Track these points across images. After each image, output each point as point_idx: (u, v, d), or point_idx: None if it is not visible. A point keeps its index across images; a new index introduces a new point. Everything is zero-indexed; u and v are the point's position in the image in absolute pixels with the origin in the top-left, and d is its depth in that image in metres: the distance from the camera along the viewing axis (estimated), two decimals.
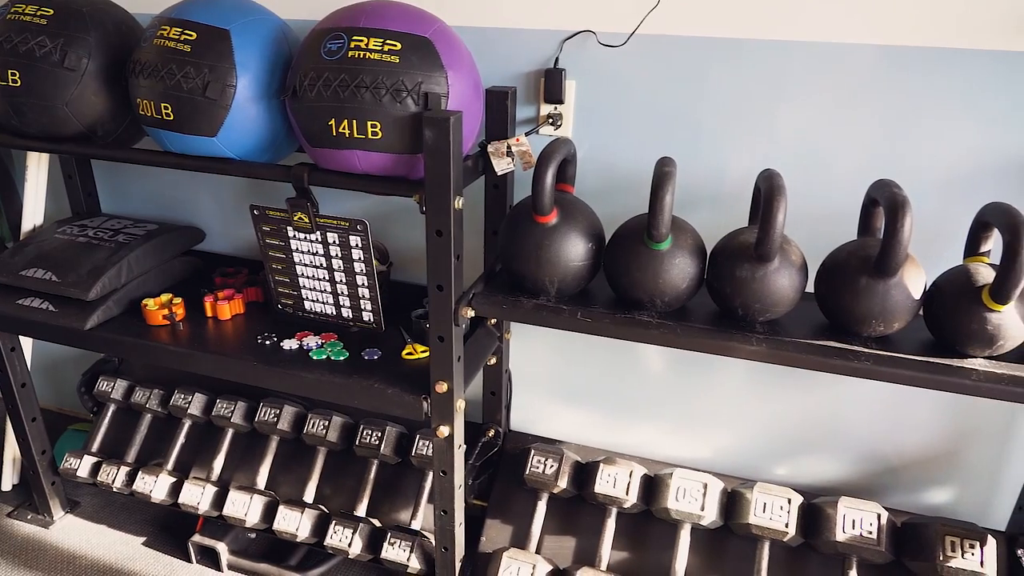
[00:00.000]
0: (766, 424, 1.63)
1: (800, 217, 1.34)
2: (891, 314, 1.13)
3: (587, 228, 1.26)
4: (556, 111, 1.46)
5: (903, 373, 1.12)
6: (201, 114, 1.26)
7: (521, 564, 1.50)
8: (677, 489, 1.49)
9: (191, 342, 1.52)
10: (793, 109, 1.34)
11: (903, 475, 1.59)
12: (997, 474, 1.52)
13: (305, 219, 1.37)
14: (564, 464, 1.57)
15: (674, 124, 1.42)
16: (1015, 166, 1.28)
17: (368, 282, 1.43)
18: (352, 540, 1.59)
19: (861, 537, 1.39)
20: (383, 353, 1.47)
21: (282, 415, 1.74)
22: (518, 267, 1.27)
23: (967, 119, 1.27)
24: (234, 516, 1.68)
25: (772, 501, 1.46)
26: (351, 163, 1.23)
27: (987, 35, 1.21)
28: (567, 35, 1.40)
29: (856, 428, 1.57)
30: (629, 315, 1.24)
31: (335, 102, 1.17)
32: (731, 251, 1.19)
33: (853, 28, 1.26)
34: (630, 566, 1.55)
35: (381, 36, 1.17)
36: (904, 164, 1.32)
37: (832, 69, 1.30)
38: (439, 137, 1.13)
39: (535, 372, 1.76)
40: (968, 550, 1.36)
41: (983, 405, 1.47)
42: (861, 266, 1.14)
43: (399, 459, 1.70)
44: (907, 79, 1.27)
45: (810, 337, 1.19)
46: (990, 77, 1.23)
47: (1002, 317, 1.08)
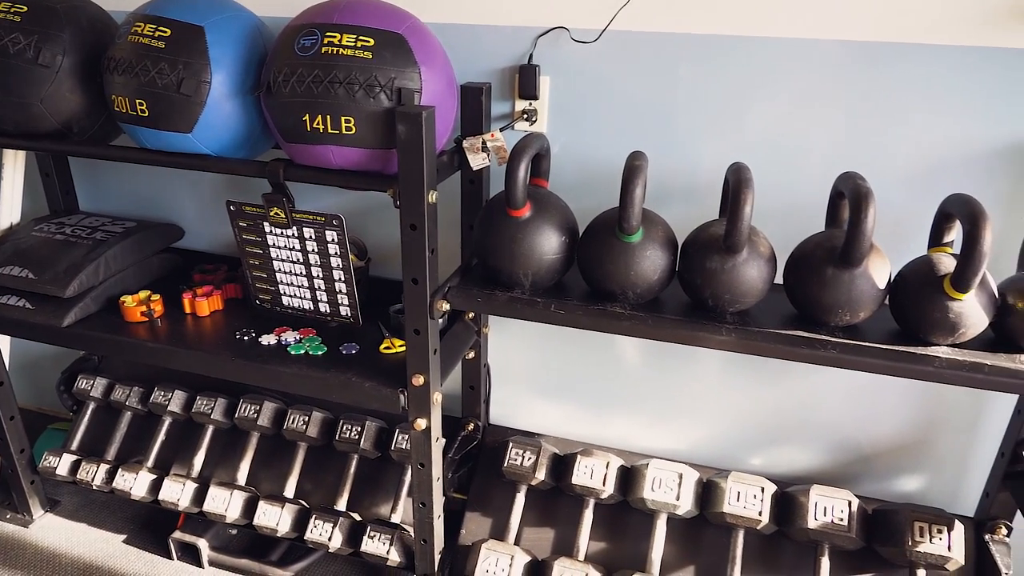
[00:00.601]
0: (741, 415, 1.66)
1: (770, 210, 1.37)
2: (857, 303, 1.16)
3: (560, 222, 1.28)
4: (531, 107, 1.48)
5: (868, 361, 1.15)
6: (176, 110, 1.27)
7: (500, 555, 1.51)
8: (653, 479, 1.51)
9: (170, 338, 1.52)
10: (763, 104, 1.37)
11: (875, 463, 1.62)
12: (965, 462, 1.55)
13: (281, 214, 1.38)
14: (542, 456, 1.59)
15: (647, 119, 1.44)
16: (978, 159, 1.31)
17: (345, 277, 1.44)
18: (332, 534, 1.60)
19: (832, 524, 1.42)
20: (361, 347, 1.48)
21: (262, 411, 1.75)
22: (493, 261, 1.29)
23: (931, 113, 1.30)
24: (214, 512, 1.68)
25: (746, 490, 1.48)
26: (325, 158, 1.24)
27: (949, 31, 1.24)
28: (541, 31, 1.42)
29: (829, 418, 1.60)
30: (602, 307, 1.26)
31: (309, 98, 1.18)
32: (701, 243, 1.21)
33: (820, 24, 1.29)
34: (608, 556, 1.57)
35: (354, 32, 1.18)
36: (871, 157, 1.34)
37: (800, 64, 1.32)
38: (412, 132, 1.15)
39: (514, 366, 1.77)
40: (936, 535, 1.38)
41: (951, 394, 1.50)
42: (827, 257, 1.16)
43: (379, 453, 1.71)
44: (873, 74, 1.30)
45: (779, 327, 1.21)
46: (953, 72, 1.26)
47: (963, 305, 1.11)
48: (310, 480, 1.76)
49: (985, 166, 1.31)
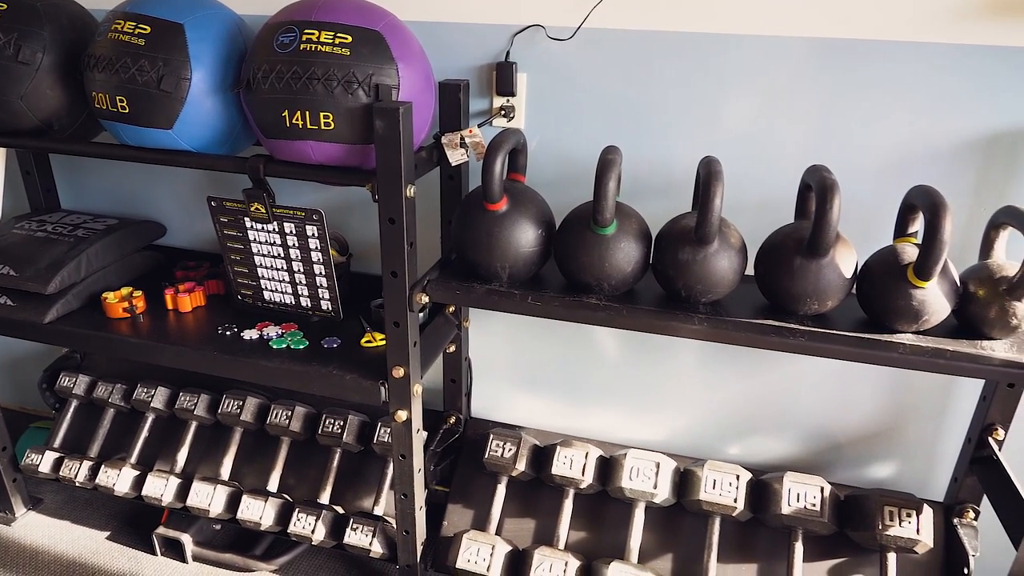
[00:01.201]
0: (718, 406, 1.69)
1: (743, 203, 1.41)
2: (824, 293, 1.19)
3: (537, 215, 1.31)
4: (508, 103, 1.50)
5: (835, 348, 1.18)
6: (156, 107, 1.28)
7: (481, 545, 1.54)
8: (631, 469, 1.54)
9: (152, 334, 1.54)
10: (735, 100, 1.40)
11: (848, 451, 1.65)
12: (934, 448, 1.59)
13: (262, 210, 1.40)
14: (522, 448, 1.61)
15: (623, 115, 1.46)
16: (944, 152, 1.34)
17: (325, 271, 1.46)
18: (315, 527, 1.62)
19: (805, 510, 1.45)
20: (342, 341, 1.50)
21: (245, 406, 1.76)
22: (471, 254, 1.31)
23: (898, 108, 1.33)
24: (198, 507, 1.69)
25: (721, 478, 1.51)
26: (305, 153, 1.26)
27: (913, 28, 1.27)
28: (517, 29, 1.44)
29: (803, 407, 1.64)
30: (577, 298, 1.28)
31: (288, 94, 1.20)
32: (673, 235, 1.25)
33: (788, 22, 1.32)
34: (588, 544, 1.59)
35: (332, 29, 1.20)
36: (840, 151, 1.38)
37: (771, 61, 1.35)
38: (389, 127, 1.17)
39: (495, 360, 1.80)
40: (905, 519, 1.42)
41: (920, 383, 1.54)
42: (795, 247, 1.20)
43: (361, 447, 1.73)
44: (841, 70, 1.33)
45: (750, 316, 1.24)
46: (918, 68, 1.30)
47: (926, 293, 1.15)
48: (293, 475, 1.78)
49: (951, 159, 1.35)
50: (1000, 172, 1.33)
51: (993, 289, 1.17)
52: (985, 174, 1.34)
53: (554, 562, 1.49)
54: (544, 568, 1.49)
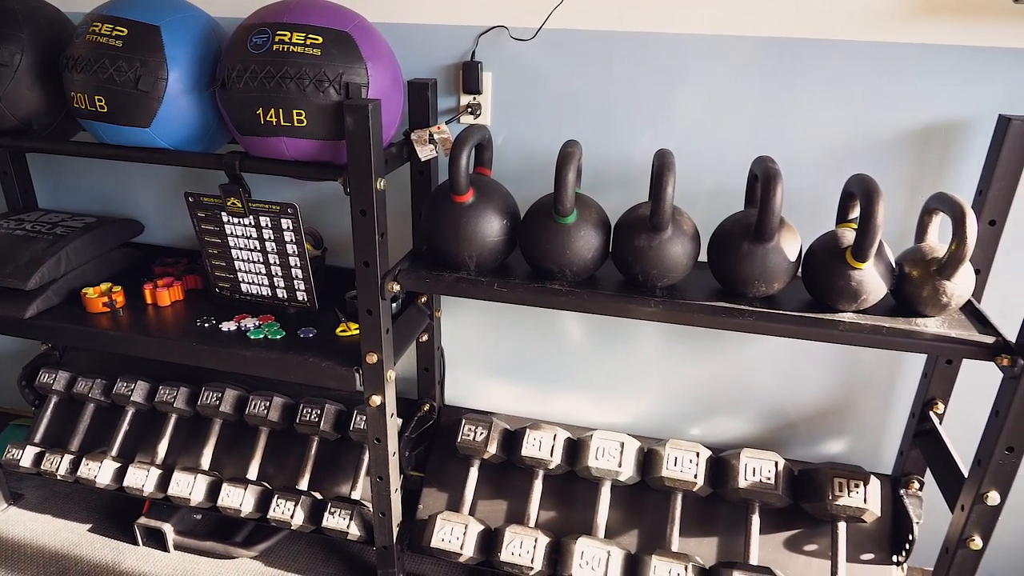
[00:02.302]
0: (679, 388, 1.77)
1: (696, 193, 1.49)
2: (771, 275, 1.27)
3: (502, 206, 1.37)
4: (475, 101, 1.57)
5: (781, 327, 1.27)
6: (134, 106, 1.33)
7: (454, 525, 1.60)
8: (597, 449, 1.61)
9: (132, 327, 1.58)
10: (688, 95, 1.48)
11: (802, 429, 1.74)
12: (882, 423, 1.69)
13: (238, 204, 1.45)
14: (493, 431, 1.68)
15: (583, 111, 1.54)
16: (883, 144, 1.43)
17: (301, 263, 1.52)
18: (294, 512, 1.68)
19: (761, 483, 1.54)
20: (318, 331, 1.55)
21: (224, 398, 1.81)
22: (440, 244, 1.38)
23: (840, 102, 1.42)
24: (179, 496, 1.74)
25: (682, 456, 1.59)
26: (279, 150, 1.31)
27: (851, 28, 1.36)
28: (482, 30, 1.51)
29: (759, 388, 1.72)
30: (541, 284, 1.35)
31: (262, 92, 1.26)
32: (630, 223, 1.32)
33: (735, 21, 1.40)
34: (557, 522, 1.66)
35: (304, 31, 1.26)
36: (787, 143, 1.46)
37: (720, 59, 1.43)
38: (359, 123, 1.23)
39: (467, 349, 1.86)
40: (853, 490, 1.51)
41: (868, 362, 1.63)
42: (743, 233, 1.27)
43: (338, 435, 1.78)
44: (786, 67, 1.41)
45: (704, 299, 1.32)
46: (855, 65, 1.38)
47: (863, 274, 1.23)
48: (273, 463, 1.83)
49: (889, 150, 1.44)
50: (935, 162, 1.43)
51: (926, 270, 1.25)
52: (921, 164, 1.43)
53: (524, 539, 1.56)
54: (515, 545, 1.56)
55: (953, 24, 1.32)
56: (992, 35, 1.31)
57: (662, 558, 1.50)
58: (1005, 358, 1.18)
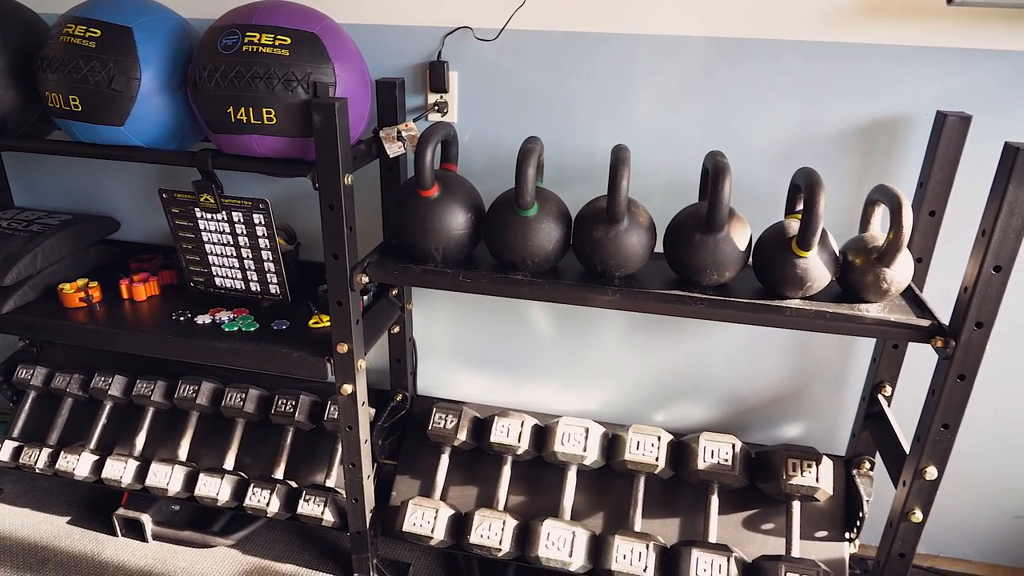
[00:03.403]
0: (644, 376, 1.84)
1: (654, 186, 1.56)
2: (722, 264, 1.34)
3: (466, 201, 1.43)
4: (442, 99, 1.63)
5: (731, 313, 1.33)
6: (108, 105, 1.37)
7: (425, 510, 1.65)
8: (563, 434, 1.67)
9: (108, 322, 1.62)
10: (644, 93, 1.54)
11: (761, 413, 1.81)
12: (836, 407, 1.76)
13: (211, 200, 1.50)
14: (463, 419, 1.73)
15: (546, 109, 1.60)
16: (830, 139, 1.50)
17: (272, 257, 1.56)
18: (270, 500, 1.72)
19: (719, 465, 1.60)
20: (291, 323, 1.60)
21: (200, 391, 1.85)
22: (407, 237, 1.43)
23: (788, 99, 1.49)
24: (156, 486, 1.78)
25: (644, 440, 1.66)
26: (250, 147, 1.36)
27: (797, 28, 1.43)
28: (448, 31, 1.57)
29: (719, 374, 1.79)
30: (504, 275, 1.41)
31: (232, 91, 1.30)
32: (588, 216, 1.38)
33: (688, 22, 1.46)
34: (525, 506, 1.72)
35: (272, 32, 1.31)
36: (739, 138, 1.53)
37: (673, 58, 1.50)
38: (326, 121, 1.28)
39: (438, 340, 1.92)
40: (806, 469, 1.58)
41: (821, 348, 1.70)
42: (695, 225, 1.34)
43: (313, 425, 1.83)
44: (736, 65, 1.48)
45: (660, 288, 1.38)
46: (804, 63, 1.45)
47: (808, 262, 1.30)
48: (249, 454, 1.87)
49: (836, 145, 1.51)
50: (880, 155, 1.50)
51: (867, 258, 1.32)
52: (867, 157, 1.51)
53: (493, 522, 1.62)
54: (484, 527, 1.61)
55: (893, 25, 1.39)
56: (929, 35, 1.38)
57: (625, 538, 1.56)
58: (939, 340, 1.25)
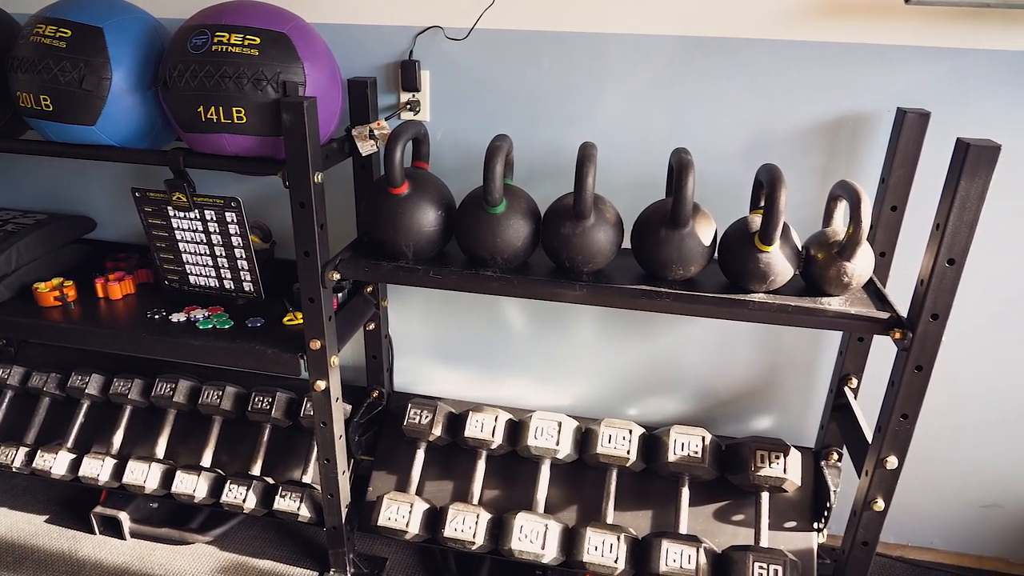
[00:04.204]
0: (617, 370, 1.86)
1: (622, 183, 1.59)
2: (687, 259, 1.36)
3: (437, 198, 1.45)
4: (414, 98, 1.64)
5: (696, 307, 1.36)
6: (79, 105, 1.38)
7: (400, 504, 1.67)
8: (536, 429, 1.70)
9: (83, 320, 1.63)
10: (612, 91, 1.56)
11: (732, 407, 1.84)
12: (806, 400, 1.79)
13: (183, 199, 1.51)
14: (438, 415, 1.75)
15: (517, 107, 1.62)
16: (795, 136, 1.53)
17: (246, 254, 1.57)
18: (247, 496, 1.73)
19: (689, 458, 1.63)
20: (266, 321, 1.61)
21: (178, 388, 1.86)
22: (378, 234, 1.45)
23: (753, 97, 1.51)
24: (134, 484, 1.79)
25: (616, 433, 1.68)
26: (221, 146, 1.37)
27: (762, 27, 1.45)
28: (419, 30, 1.58)
29: (691, 368, 1.82)
30: (474, 271, 1.43)
31: (202, 91, 1.32)
32: (556, 212, 1.40)
33: (656, 21, 1.49)
34: (500, 500, 1.74)
35: (242, 32, 1.32)
36: (706, 136, 1.55)
37: (642, 56, 1.52)
38: (295, 120, 1.29)
39: (414, 337, 1.94)
40: (774, 461, 1.61)
41: (790, 342, 1.73)
42: (661, 220, 1.36)
43: (290, 422, 1.84)
44: (703, 64, 1.51)
45: (628, 283, 1.41)
46: (768, 61, 1.48)
47: (770, 257, 1.32)
48: (226, 451, 1.89)
49: (801, 142, 1.54)
50: (844, 152, 1.53)
51: (829, 252, 1.35)
52: (831, 154, 1.53)
53: (467, 516, 1.64)
54: (458, 521, 1.63)
55: (853, 24, 1.42)
56: (888, 34, 1.41)
57: (596, 530, 1.59)
58: (897, 332, 1.28)
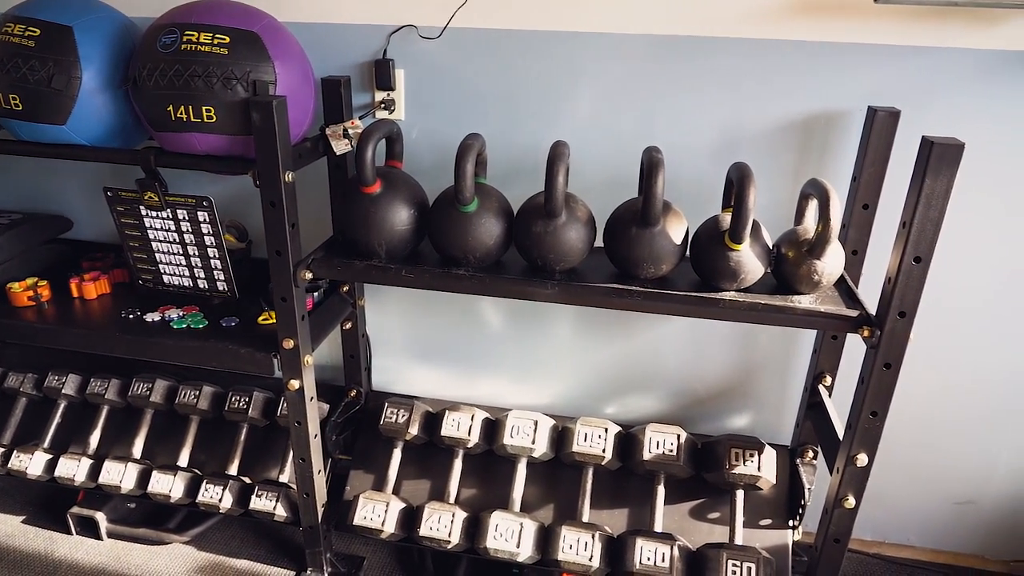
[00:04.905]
0: (595, 369, 1.86)
1: (596, 182, 1.59)
2: (658, 258, 1.36)
3: (410, 197, 1.44)
4: (389, 97, 1.64)
5: (667, 305, 1.36)
6: (49, 104, 1.38)
7: (376, 503, 1.67)
8: (512, 428, 1.70)
9: (57, 320, 1.62)
10: (587, 91, 1.57)
11: (709, 405, 1.85)
12: (782, 398, 1.80)
13: (155, 198, 1.50)
14: (415, 413, 1.75)
15: (491, 106, 1.62)
16: (767, 134, 1.54)
17: (219, 254, 1.57)
18: (223, 496, 1.73)
19: (664, 455, 1.63)
20: (241, 320, 1.61)
21: (154, 388, 1.86)
22: (351, 233, 1.45)
23: (725, 95, 1.52)
24: (110, 484, 1.78)
25: (592, 431, 1.68)
26: (191, 145, 1.37)
27: (734, 26, 1.46)
28: (393, 29, 1.58)
29: (669, 367, 1.82)
30: (446, 270, 1.43)
31: (171, 90, 1.31)
32: (529, 211, 1.40)
33: (629, 20, 1.49)
34: (477, 499, 1.74)
35: (211, 31, 1.32)
36: (680, 135, 1.56)
37: (615, 56, 1.52)
38: (264, 119, 1.29)
39: (392, 336, 1.93)
40: (749, 458, 1.61)
41: (766, 340, 1.74)
42: (632, 219, 1.36)
43: (267, 421, 1.84)
44: (674, 63, 1.51)
45: (601, 282, 1.41)
46: (740, 60, 1.48)
47: (741, 255, 1.32)
48: (204, 451, 1.88)
49: (774, 140, 1.54)
50: (817, 150, 1.53)
51: (799, 251, 1.35)
52: (804, 152, 1.54)
53: (443, 514, 1.64)
54: (434, 520, 1.63)
55: (824, 23, 1.43)
56: (858, 33, 1.42)
57: (572, 528, 1.59)
58: (866, 329, 1.28)
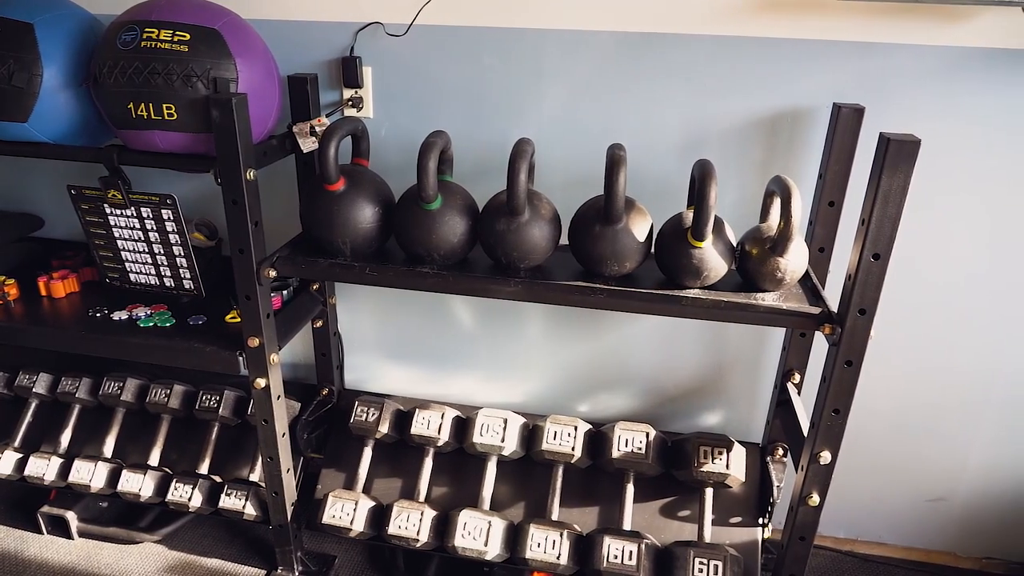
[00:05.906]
0: (567, 367, 1.86)
1: (563, 179, 1.59)
2: (622, 255, 1.36)
3: (374, 194, 1.44)
4: (357, 94, 1.63)
5: (630, 303, 1.36)
6: (10, 101, 1.37)
7: (345, 502, 1.67)
8: (481, 426, 1.69)
9: (24, 318, 1.62)
10: (552, 87, 1.56)
11: (681, 404, 1.85)
12: (752, 396, 1.80)
13: (119, 196, 1.50)
14: (385, 412, 1.75)
15: (458, 103, 1.61)
16: (734, 131, 1.53)
17: (184, 252, 1.56)
18: (192, 495, 1.73)
19: (633, 454, 1.63)
20: (209, 319, 1.61)
21: (125, 387, 1.85)
22: (315, 231, 1.44)
23: (691, 92, 1.52)
24: (80, 483, 1.78)
25: (561, 430, 1.68)
26: (152, 142, 1.37)
27: (699, 23, 1.45)
28: (359, 26, 1.58)
29: (640, 365, 1.82)
30: (411, 268, 1.42)
31: (131, 87, 1.31)
32: (492, 209, 1.40)
33: (593, 18, 1.49)
34: (447, 498, 1.74)
35: (171, 28, 1.31)
36: (646, 132, 1.56)
37: (581, 53, 1.52)
38: (224, 116, 1.28)
39: (364, 334, 1.93)
40: (717, 456, 1.61)
41: (736, 338, 1.74)
42: (595, 216, 1.36)
43: (238, 420, 1.83)
44: (641, 60, 1.51)
45: (565, 279, 1.40)
46: (706, 57, 1.48)
47: (703, 252, 1.32)
48: (175, 450, 1.87)
49: (741, 137, 1.54)
50: (783, 147, 1.53)
51: (763, 248, 1.35)
52: (771, 149, 1.54)
53: (411, 513, 1.63)
54: (403, 519, 1.63)
55: (789, 20, 1.42)
56: (824, 30, 1.42)
57: (540, 526, 1.59)
58: (827, 327, 1.28)
